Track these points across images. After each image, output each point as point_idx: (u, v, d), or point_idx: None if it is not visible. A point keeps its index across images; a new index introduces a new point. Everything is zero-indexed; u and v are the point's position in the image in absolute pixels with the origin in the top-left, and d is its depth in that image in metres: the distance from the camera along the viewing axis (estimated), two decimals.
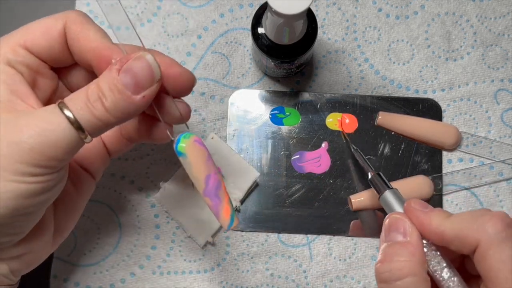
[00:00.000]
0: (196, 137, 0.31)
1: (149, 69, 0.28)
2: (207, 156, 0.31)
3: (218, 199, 0.32)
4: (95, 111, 0.27)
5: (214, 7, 0.45)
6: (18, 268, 0.32)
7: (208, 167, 0.31)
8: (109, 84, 0.28)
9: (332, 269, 0.43)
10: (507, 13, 0.46)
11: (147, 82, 0.28)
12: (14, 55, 0.30)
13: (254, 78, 0.45)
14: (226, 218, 0.32)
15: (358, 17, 0.46)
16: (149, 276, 0.43)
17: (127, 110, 0.28)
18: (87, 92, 0.28)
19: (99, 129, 0.28)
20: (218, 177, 0.32)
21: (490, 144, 0.44)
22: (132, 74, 0.28)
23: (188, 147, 0.31)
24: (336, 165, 0.44)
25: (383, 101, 0.44)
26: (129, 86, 0.28)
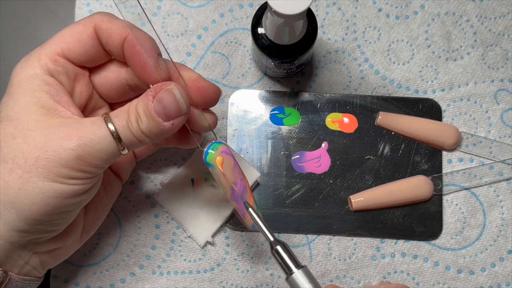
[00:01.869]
0: (224, 147, 0.34)
1: (177, 104, 0.31)
2: (233, 164, 0.34)
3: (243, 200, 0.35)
4: (133, 130, 0.31)
5: (214, 7, 0.45)
6: (47, 262, 0.35)
7: (235, 175, 0.35)
8: (144, 109, 0.31)
9: (332, 269, 0.43)
10: (507, 13, 0.46)
11: (175, 113, 0.31)
12: (55, 64, 0.32)
13: (254, 78, 0.45)
14: (250, 219, 0.35)
15: (358, 17, 0.46)
16: (149, 276, 0.43)
17: (159, 133, 0.31)
18: (128, 112, 0.31)
19: (135, 145, 0.32)
20: (243, 183, 0.35)
21: (490, 144, 0.44)
22: (162, 104, 0.31)
23: (216, 158, 0.34)
24: (336, 165, 0.44)
25: (383, 101, 0.44)
26: (160, 114, 0.31)
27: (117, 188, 0.40)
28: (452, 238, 0.43)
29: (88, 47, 0.33)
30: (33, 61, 0.32)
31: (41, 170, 0.29)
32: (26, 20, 0.34)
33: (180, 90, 0.31)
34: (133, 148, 0.32)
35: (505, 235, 0.43)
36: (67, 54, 0.33)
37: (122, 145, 0.31)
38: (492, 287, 0.43)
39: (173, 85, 0.31)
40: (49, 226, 0.32)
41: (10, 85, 0.32)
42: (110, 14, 0.34)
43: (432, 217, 0.43)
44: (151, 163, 0.44)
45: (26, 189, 0.29)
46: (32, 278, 0.34)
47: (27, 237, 0.31)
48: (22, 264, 0.33)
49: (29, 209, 0.30)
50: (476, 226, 0.43)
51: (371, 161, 0.44)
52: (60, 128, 0.30)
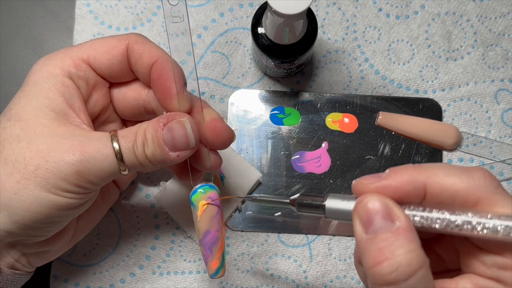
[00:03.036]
0: (213, 193, 0.34)
1: (186, 137, 0.31)
2: (215, 214, 0.34)
3: (210, 252, 0.34)
4: (138, 153, 0.31)
5: (214, 6, 0.45)
6: (35, 261, 0.35)
7: (211, 224, 0.34)
8: (153, 135, 0.31)
9: (332, 269, 0.43)
10: (508, 13, 0.46)
11: (183, 146, 0.31)
12: (76, 69, 0.32)
13: (254, 78, 0.45)
14: (212, 269, 0.34)
15: (358, 17, 0.46)
16: (149, 277, 0.43)
17: (162, 161, 0.31)
18: (136, 134, 0.31)
19: (136, 167, 0.31)
20: (217, 234, 0.34)
21: (491, 144, 0.44)
22: (172, 134, 0.31)
23: (200, 201, 0.33)
24: (336, 165, 0.44)
25: (383, 101, 0.44)
26: (168, 143, 0.31)
27: (115, 195, 0.40)
28: None
29: (116, 61, 0.33)
30: (55, 60, 0.32)
31: (39, 180, 0.29)
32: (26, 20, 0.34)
33: (192, 124, 0.31)
34: (133, 170, 0.32)
35: None
36: (92, 62, 0.33)
37: (124, 165, 0.30)
38: None
39: (186, 118, 0.31)
40: (38, 232, 0.32)
41: (26, 82, 0.32)
42: (145, 37, 0.34)
43: None
44: None
45: (21, 195, 0.29)
46: (22, 273, 0.35)
47: (16, 238, 0.31)
48: (11, 262, 0.33)
49: (21, 214, 0.30)
50: None
51: (371, 161, 0.44)
52: (65, 139, 0.30)
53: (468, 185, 0.25)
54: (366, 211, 0.25)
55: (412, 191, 0.25)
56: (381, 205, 0.25)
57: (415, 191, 0.25)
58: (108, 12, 0.45)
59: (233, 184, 0.42)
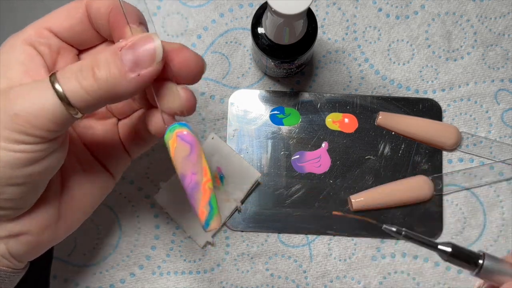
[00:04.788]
0: (184, 130, 0.29)
1: (152, 49, 0.27)
2: (188, 153, 0.29)
3: (194, 200, 0.29)
4: (84, 81, 0.26)
5: (214, 6, 0.45)
6: (17, 250, 0.31)
7: (185, 166, 0.29)
8: (107, 56, 0.27)
9: (332, 270, 0.43)
10: (508, 13, 0.46)
11: (146, 61, 0.27)
12: (37, 36, 0.30)
13: (254, 78, 0.45)
14: (201, 220, 0.29)
15: (358, 17, 0.46)
16: (149, 277, 0.43)
17: (117, 86, 0.27)
18: (81, 63, 0.27)
19: (86, 102, 0.27)
20: (195, 178, 0.29)
21: (491, 144, 0.44)
22: (133, 50, 0.27)
23: (169, 139, 0.29)
24: (336, 165, 0.44)
25: (383, 101, 0.44)
26: (127, 62, 0.26)
27: (106, 182, 0.36)
28: (453, 238, 0.43)
29: (76, 22, 0.31)
30: (18, 34, 0.31)
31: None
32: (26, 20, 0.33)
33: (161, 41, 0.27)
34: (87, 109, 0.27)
35: (505, 235, 0.43)
36: (54, 28, 0.31)
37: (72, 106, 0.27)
38: None
39: (153, 33, 0.27)
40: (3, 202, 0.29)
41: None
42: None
43: (432, 217, 0.43)
44: (151, 163, 0.44)
45: None
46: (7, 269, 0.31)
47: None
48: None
49: None
50: (476, 226, 0.43)
51: (371, 161, 0.44)
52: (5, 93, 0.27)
53: None
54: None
55: None
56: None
57: None
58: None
59: (232, 184, 0.42)
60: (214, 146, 0.43)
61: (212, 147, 0.43)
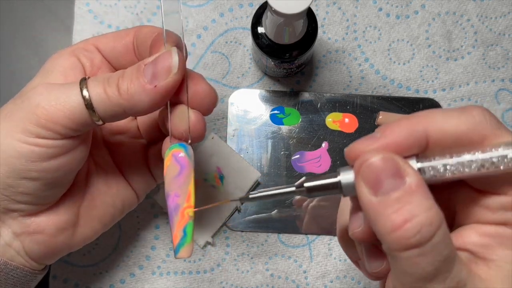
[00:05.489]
0: (180, 151, 0.30)
1: (168, 62, 0.29)
2: (176, 174, 0.30)
3: (172, 222, 0.30)
4: (108, 88, 0.29)
5: (214, 6, 0.45)
6: (31, 248, 0.32)
7: (171, 186, 0.30)
8: (132, 70, 0.29)
9: (332, 270, 0.43)
10: (508, 13, 0.46)
11: (163, 73, 0.29)
12: (83, 50, 0.33)
13: (254, 78, 0.45)
14: (173, 244, 0.29)
15: (358, 17, 0.45)
16: (148, 277, 0.43)
17: (136, 96, 0.29)
18: (110, 74, 0.30)
19: (106, 108, 0.29)
20: (177, 200, 0.30)
21: None
22: (154, 64, 0.29)
23: (166, 157, 0.30)
24: (336, 165, 0.44)
25: (383, 101, 0.44)
26: (147, 75, 0.29)
27: (129, 199, 0.37)
28: None
29: (121, 44, 0.33)
30: (70, 47, 0.33)
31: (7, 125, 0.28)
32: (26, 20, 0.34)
33: (179, 53, 0.29)
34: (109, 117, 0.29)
35: None
36: (100, 46, 0.33)
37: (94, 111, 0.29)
38: None
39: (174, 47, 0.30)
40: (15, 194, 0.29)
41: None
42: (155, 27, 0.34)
43: None
44: None
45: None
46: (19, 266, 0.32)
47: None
48: (3, 245, 0.31)
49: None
50: None
51: None
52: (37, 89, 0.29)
53: (470, 124, 0.22)
54: (371, 170, 0.22)
55: (414, 143, 0.23)
56: (387, 161, 0.22)
57: (417, 143, 0.23)
58: (107, 11, 0.45)
59: (232, 184, 0.42)
60: (214, 146, 0.43)
61: (212, 147, 0.43)
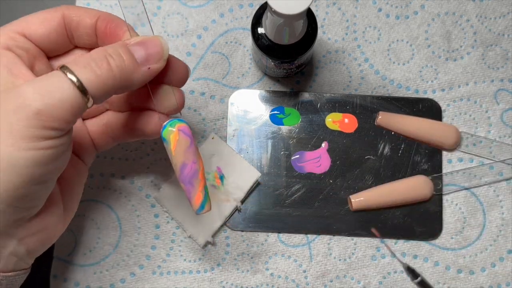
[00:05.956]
0: (183, 125, 0.33)
1: (160, 47, 0.31)
2: (188, 145, 0.33)
3: (191, 186, 0.33)
4: (99, 71, 0.28)
5: (214, 7, 0.45)
6: (33, 248, 0.32)
7: (186, 156, 0.33)
8: (118, 49, 0.29)
9: (332, 269, 0.43)
10: (507, 13, 0.46)
11: (156, 57, 0.31)
12: (12, 41, 0.31)
13: (254, 78, 0.45)
14: (197, 204, 0.33)
15: (358, 17, 0.46)
16: (149, 276, 0.43)
17: (131, 76, 0.30)
18: (90, 55, 0.29)
19: (101, 91, 0.29)
20: (195, 166, 0.33)
21: (490, 144, 0.44)
22: (144, 47, 0.30)
23: (171, 134, 0.32)
24: (336, 165, 0.44)
25: (383, 101, 0.44)
26: (139, 56, 0.30)
27: (84, 171, 0.37)
28: (452, 238, 0.43)
29: (52, 31, 0.32)
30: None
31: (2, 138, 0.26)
32: None
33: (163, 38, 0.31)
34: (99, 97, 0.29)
35: (505, 235, 0.43)
36: (28, 34, 0.32)
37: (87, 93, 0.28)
38: (492, 287, 0.43)
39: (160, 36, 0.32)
40: (26, 201, 0.29)
41: None
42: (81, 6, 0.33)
43: (432, 217, 0.43)
44: (151, 163, 0.44)
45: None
46: (19, 273, 0.32)
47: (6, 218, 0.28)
48: (6, 256, 0.30)
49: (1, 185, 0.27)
50: (476, 226, 0.43)
51: (371, 161, 0.44)
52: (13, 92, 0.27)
53: None
54: None
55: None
56: None
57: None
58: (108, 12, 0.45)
59: (232, 184, 0.42)
60: (214, 146, 0.43)
61: (212, 147, 0.43)
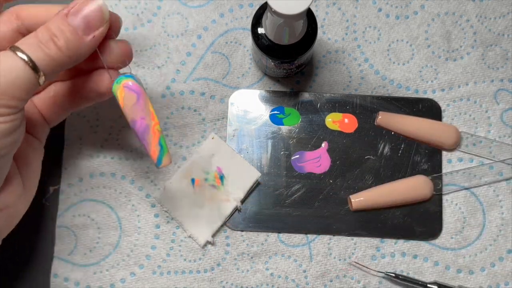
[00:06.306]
0: (129, 81, 0.32)
1: (100, 11, 0.30)
2: (135, 101, 0.33)
3: (145, 142, 0.34)
4: (48, 50, 0.29)
5: (214, 7, 0.45)
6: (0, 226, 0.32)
7: (134, 112, 0.33)
8: (59, 25, 0.29)
9: (332, 269, 0.43)
10: (507, 13, 0.46)
11: (98, 23, 0.30)
12: None
13: (254, 78, 0.45)
14: (154, 158, 0.34)
15: (358, 17, 0.46)
16: (149, 276, 0.43)
17: (79, 50, 0.30)
18: (36, 35, 0.29)
19: (53, 68, 0.29)
20: (144, 122, 0.33)
21: (490, 144, 0.44)
22: (82, 16, 0.30)
23: (117, 90, 0.32)
24: (336, 165, 0.44)
25: (383, 101, 0.44)
26: (79, 27, 0.30)
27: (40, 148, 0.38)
28: (452, 238, 0.43)
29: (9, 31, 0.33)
30: None
31: None
32: None
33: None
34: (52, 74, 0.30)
35: (505, 235, 0.43)
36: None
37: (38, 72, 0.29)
38: (492, 286, 0.43)
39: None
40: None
41: None
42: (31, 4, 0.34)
43: (432, 217, 0.43)
44: (151, 163, 0.44)
45: None
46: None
47: None
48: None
49: None
50: (476, 226, 0.43)
51: (371, 161, 0.44)
52: None
53: None
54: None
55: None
56: None
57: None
58: None
59: (232, 184, 0.43)
60: (214, 146, 0.43)
61: (212, 147, 0.43)
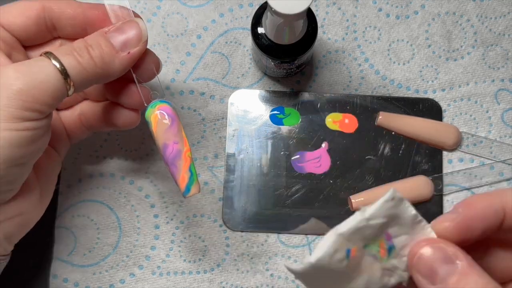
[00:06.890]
0: (164, 105, 0.33)
1: (138, 29, 0.31)
2: (169, 125, 0.33)
3: (175, 168, 0.33)
4: (81, 58, 0.29)
5: (214, 6, 0.45)
6: (11, 232, 0.32)
7: (167, 136, 0.33)
8: (96, 38, 0.30)
9: None
10: (508, 13, 0.46)
11: (135, 40, 0.31)
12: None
13: (254, 78, 0.45)
14: (182, 186, 0.33)
15: (358, 17, 0.45)
16: (148, 277, 0.43)
17: (111, 63, 0.30)
18: (72, 44, 0.30)
19: (83, 78, 0.29)
20: (177, 147, 0.33)
21: (491, 144, 0.44)
22: (122, 32, 0.31)
23: (151, 115, 0.33)
24: (336, 165, 0.44)
25: (383, 101, 0.44)
26: (117, 43, 0.30)
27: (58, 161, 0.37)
28: None
29: (31, 22, 0.32)
30: None
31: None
32: None
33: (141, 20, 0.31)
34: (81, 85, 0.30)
35: None
36: (6, 24, 0.32)
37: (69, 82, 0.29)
38: None
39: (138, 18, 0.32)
40: (4, 184, 0.29)
41: None
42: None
43: (432, 217, 0.43)
44: (151, 163, 0.44)
45: None
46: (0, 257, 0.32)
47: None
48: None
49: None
50: None
51: (372, 161, 0.44)
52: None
53: None
54: (425, 262, 0.24)
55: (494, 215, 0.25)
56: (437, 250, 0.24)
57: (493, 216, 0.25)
58: None
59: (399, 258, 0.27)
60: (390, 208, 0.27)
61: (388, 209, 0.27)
